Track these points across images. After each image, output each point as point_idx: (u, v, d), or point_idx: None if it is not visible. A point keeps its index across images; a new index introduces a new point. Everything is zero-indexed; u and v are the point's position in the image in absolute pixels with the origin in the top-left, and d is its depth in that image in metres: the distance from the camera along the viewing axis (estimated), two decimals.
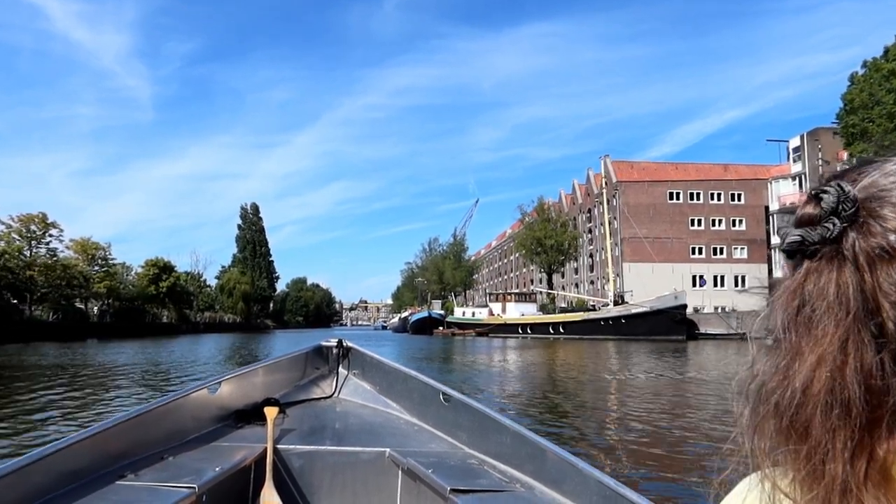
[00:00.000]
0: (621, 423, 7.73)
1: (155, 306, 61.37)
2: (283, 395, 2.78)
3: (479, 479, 2.00)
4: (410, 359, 21.60)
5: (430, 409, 2.64)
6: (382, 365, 2.99)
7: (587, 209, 67.22)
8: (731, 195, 59.04)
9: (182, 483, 1.79)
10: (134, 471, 1.87)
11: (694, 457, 5.70)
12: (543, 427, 7.12)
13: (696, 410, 8.77)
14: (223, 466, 1.99)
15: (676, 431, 7.07)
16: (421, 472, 2.06)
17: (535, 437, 2.08)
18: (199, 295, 78.75)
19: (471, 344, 37.35)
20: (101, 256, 50.74)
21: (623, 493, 1.62)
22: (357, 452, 2.32)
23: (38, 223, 42.56)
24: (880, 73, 30.10)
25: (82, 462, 1.80)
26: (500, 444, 2.21)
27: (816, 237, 0.49)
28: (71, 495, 1.68)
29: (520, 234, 62.60)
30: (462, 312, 63.13)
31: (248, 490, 2.17)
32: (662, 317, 38.45)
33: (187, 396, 2.36)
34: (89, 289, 47.25)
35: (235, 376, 2.63)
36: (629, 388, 11.92)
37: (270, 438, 2.28)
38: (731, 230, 58.36)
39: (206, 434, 2.35)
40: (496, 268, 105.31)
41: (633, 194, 57.54)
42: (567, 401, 10.14)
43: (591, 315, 44.25)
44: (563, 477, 1.88)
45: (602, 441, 6.71)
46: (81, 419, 7.53)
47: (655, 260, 54.82)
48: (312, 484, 2.29)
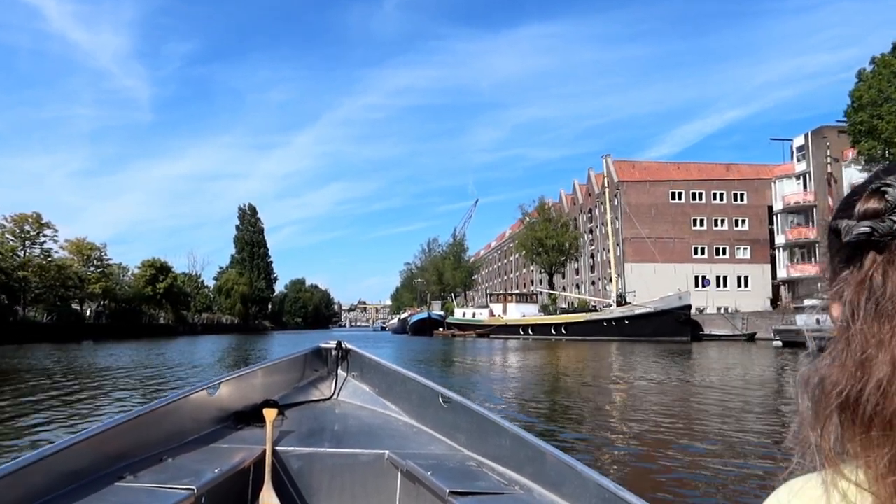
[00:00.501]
0: (636, 434, 7.17)
1: (152, 307, 60.74)
2: (283, 397, 2.77)
3: (477, 482, 2.00)
4: (410, 361, 21.01)
5: (429, 410, 2.63)
6: (381, 367, 2.98)
7: (588, 209, 66.69)
8: (734, 195, 58.53)
9: (181, 484, 1.79)
10: (133, 472, 1.87)
11: (712, 473, 5.26)
12: (560, 441, 6.56)
13: (712, 420, 8.27)
14: (222, 468, 1.98)
15: (696, 445, 6.56)
16: (420, 474, 2.05)
17: (534, 440, 2.07)
18: (197, 296, 78.11)
19: (472, 346, 36.80)
20: (96, 257, 50.03)
21: (622, 496, 1.61)
22: (356, 454, 2.32)
23: (32, 223, 41.90)
24: (889, 69, 29.57)
25: (81, 463, 1.80)
26: (499, 446, 2.20)
27: (885, 229, 0.50)
28: (70, 496, 1.68)
29: (521, 234, 62.00)
30: (462, 313, 62.47)
31: (246, 492, 2.17)
32: (667, 318, 37.89)
33: (186, 398, 2.35)
34: (84, 290, 46.54)
35: (234, 378, 2.63)
36: (640, 395, 11.36)
37: (269, 440, 2.27)
38: (733, 230, 57.85)
39: (205, 435, 2.35)
40: (496, 268, 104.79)
41: (635, 194, 56.99)
42: (578, 407, 9.57)
43: (593, 316, 43.68)
44: (563, 479, 1.87)
45: (617, 451, 6.27)
46: (60, 430, 6.99)
47: (657, 260, 54.28)
48: (311, 486, 2.29)
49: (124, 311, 52.52)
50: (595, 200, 64.65)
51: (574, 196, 71.28)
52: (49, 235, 43.70)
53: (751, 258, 57.13)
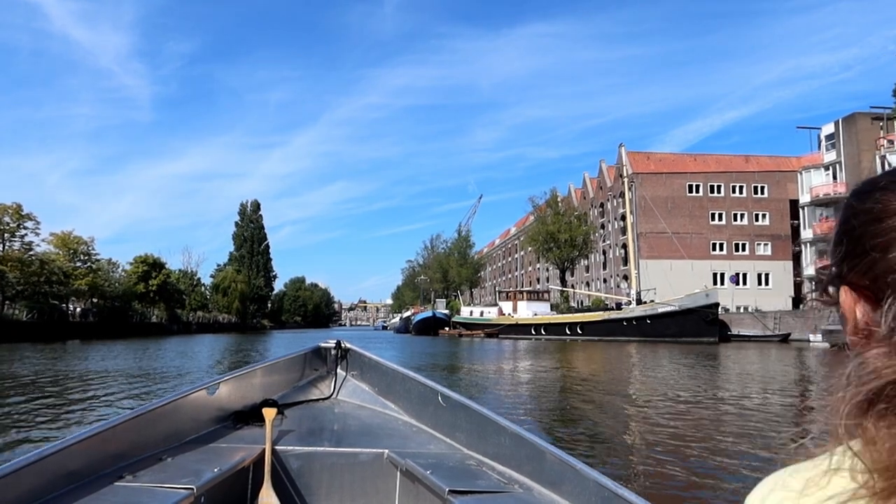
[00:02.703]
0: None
1: (145, 305, 58.05)
2: (282, 397, 2.75)
3: (477, 480, 1.98)
4: (420, 367, 18.40)
5: (429, 409, 2.61)
6: (381, 366, 2.95)
7: (599, 203, 63.96)
8: (754, 188, 55.86)
9: (180, 484, 1.77)
10: (132, 472, 1.86)
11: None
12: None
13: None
14: (222, 467, 1.97)
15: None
16: (419, 473, 2.04)
17: (534, 438, 2.05)
18: (192, 294, 75.38)
19: (483, 346, 34.28)
20: (83, 251, 47.19)
21: (622, 494, 1.59)
22: (355, 453, 2.31)
23: (11, 215, 39.11)
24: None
25: (81, 463, 1.78)
26: (499, 445, 2.18)
27: None
28: (69, 496, 1.66)
29: (531, 227, 59.10)
30: (469, 312, 59.49)
31: (246, 491, 2.15)
32: (692, 316, 35.17)
33: (186, 397, 2.33)
34: (70, 286, 43.74)
35: (234, 377, 2.61)
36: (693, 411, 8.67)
37: (269, 439, 2.25)
38: (753, 225, 55.17)
39: (204, 435, 2.33)
40: (499, 266, 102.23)
41: (650, 187, 54.16)
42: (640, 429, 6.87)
43: (612, 315, 40.85)
44: (562, 478, 1.85)
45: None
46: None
47: (674, 257, 51.64)
48: (311, 485, 2.27)
49: (113, 310, 49.74)
50: (607, 194, 61.93)
51: (584, 190, 68.54)
52: (30, 228, 40.94)
53: (772, 254, 54.48)
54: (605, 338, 38.57)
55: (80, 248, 46.58)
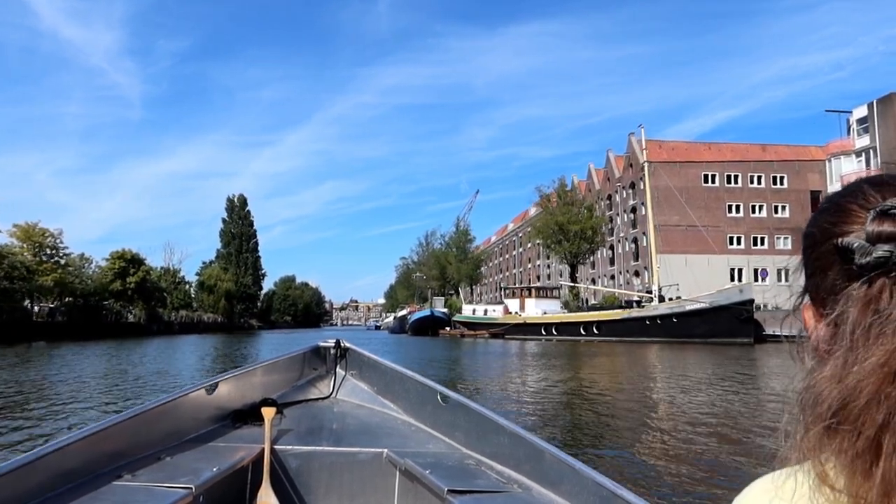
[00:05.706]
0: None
1: (122, 303, 53.95)
2: (281, 396, 2.73)
3: (476, 480, 1.97)
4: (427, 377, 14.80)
5: (428, 409, 2.59)
6: (380, 365, 2.92)
7: (607, 196, 60.48)
8: (773, 178, 52.54)
9: (179, 483, 1.76)
10: (131, 471, 1.84)
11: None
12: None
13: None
14: (220, 467, 1.95)
15: None
16: (418, 473, 2.03)
17: (533, 438, 2.03)
18: (175, 292, 71.22)
19: (490, 348, 30.74)
20: (50, 245, 43.09)
21: (621, 494, 1.58)
22: (354, 453, 2.29)
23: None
24: None
25: (79, 462, 1.76)
26: (498, 444, 2.17)
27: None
28: (68, 495, 1.64)
29: (538, 219, 55.33)
30: (472, 310, 55.49)
31: (245, 490, 2.14)
32: (724, 315, 31.65)
33: (185, 396, 2.31)
34: (33, 282, 39.66)
35: (233, 377, 2.58)
36: None
37: (268, 439, 2.24)
38: (772, 217, 51.80)
39: (203, 434, 2.31)
40: (496, 264, 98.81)
41: (663, 176, 50.51)
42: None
43: (634, 313, 37.22)
44: (561, 478, 1.84)
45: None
46: None
47: (689, 251, 48.28)
48: (310, 484, 2.25)
49: (84, 308, 45.65)
50: (615, 185, 58.44)
51: (590, 182, 65.06)
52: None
53: (792, 249, 49.41)
54: (625, 338, 35.02)
55: (45, 240, 42.48)
